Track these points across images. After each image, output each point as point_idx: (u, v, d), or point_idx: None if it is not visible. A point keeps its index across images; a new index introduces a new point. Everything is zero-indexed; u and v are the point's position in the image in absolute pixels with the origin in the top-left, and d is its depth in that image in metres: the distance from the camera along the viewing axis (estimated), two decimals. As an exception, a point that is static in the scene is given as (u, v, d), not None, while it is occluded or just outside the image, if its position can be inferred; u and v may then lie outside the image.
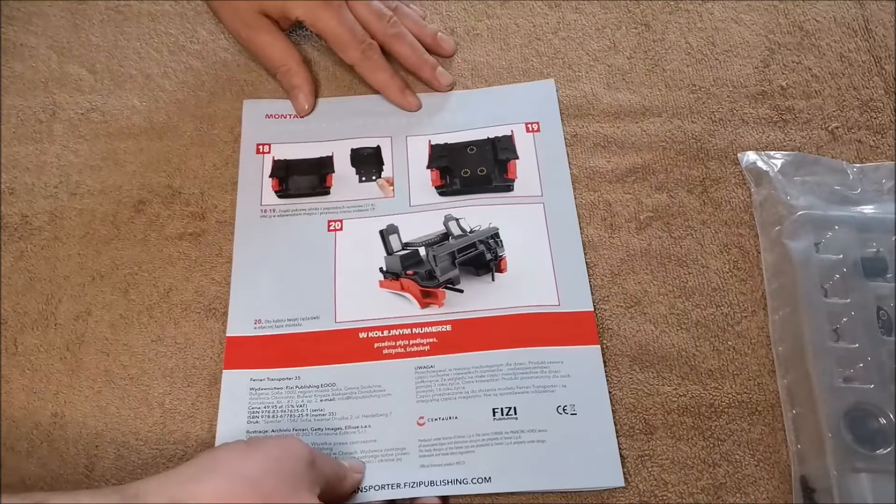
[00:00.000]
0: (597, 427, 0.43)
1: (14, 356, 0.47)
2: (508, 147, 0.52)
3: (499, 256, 0.48)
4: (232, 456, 0.35)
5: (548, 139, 0.52)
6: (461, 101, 0.55)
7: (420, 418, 0.44)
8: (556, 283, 0.47)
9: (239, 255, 0.49)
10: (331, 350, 0.46)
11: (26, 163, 0.53)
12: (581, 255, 0.48)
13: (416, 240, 0.49)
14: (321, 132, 0.53)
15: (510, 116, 0.53)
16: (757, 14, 0.57)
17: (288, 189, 0.51)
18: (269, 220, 0.50)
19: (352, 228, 0.50)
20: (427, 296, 0.47)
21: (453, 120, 0.54)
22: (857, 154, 0.52)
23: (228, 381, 0.45)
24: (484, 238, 0.49)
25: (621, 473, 0.42)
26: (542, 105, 0.54)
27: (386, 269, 0.48)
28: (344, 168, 0.52)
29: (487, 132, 0.53)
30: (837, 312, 0.44)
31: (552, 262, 0.48)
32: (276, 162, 0.52)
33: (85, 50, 0.57)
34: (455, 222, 0.49)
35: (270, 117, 0.54)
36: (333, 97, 0.55)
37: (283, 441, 0.37)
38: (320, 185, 0.52)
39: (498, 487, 0.42)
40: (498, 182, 0.51)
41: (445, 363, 0.45)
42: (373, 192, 0.51)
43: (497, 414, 0.43)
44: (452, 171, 0.52)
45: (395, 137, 0.53)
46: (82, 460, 0.44)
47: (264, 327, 0.47)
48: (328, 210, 0.51)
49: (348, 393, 0.45)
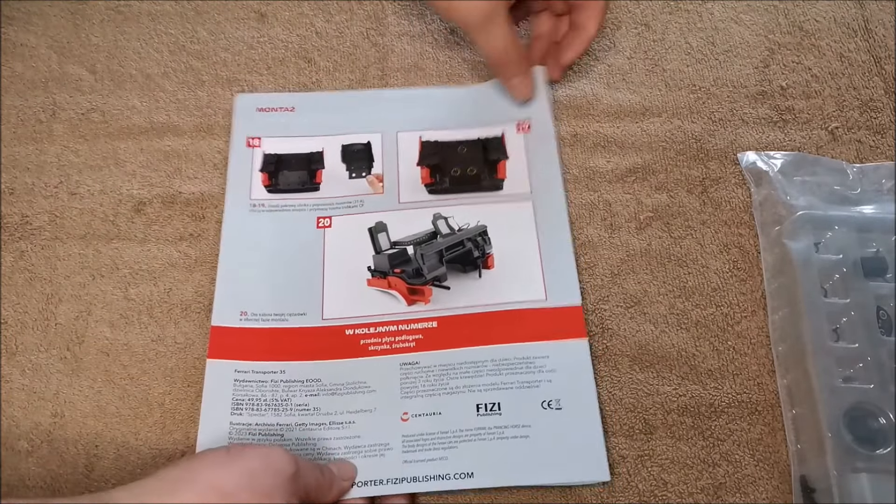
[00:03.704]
0: (582, 421, 0.43)
1: (14, 356, 0.47)
2: (499, 147, 0.52)
3: (486, 253, 0.48)
4: (211, 466, 0.35)
5: (539, 137, 0.52)
6: (453, 97, 0.54)
7: (404, 414, 0.44)
8: (544, 278, 0.47)
9: (226, 247, 0.49)
10: (316, 346, 0.46)
11: (26, 163, 0.53)
12: (570, 251, 0.48)
13: (405, 238, 0.49)
14: (312, 127, 0.53)
15: (502, 116, 0.53)
16: (757, 14, 0.57)
17: (277, 184, 0.51)
18: (258, 214, 0.50)
19: (341, 225, 0.50)
20: (414, 293, 0.47)
21: (445, 117, 0.54)
22: (856, 154, 0.52)
23: (212, 371, 0.45)
24: (472, 236, 0.49)
25: (607, 468, 0.42)
26: (533, 99, 0.53)
27: (374, 267, 0.48)
28: (334, 164, 0.52)
29: (479, 132, 0.53)
30: (837, 312, 0.44)
31: (540, 257, 0.48)
32: (267, 156, 0.52)
33: (85, 50, 0.57)
34: (444, 221, 0.50)
35: (262, 111, 0.54)
36: (327, 91, 0.55)
37: (265, 452, 0.36)
38: (310, 180, 0.51)
39: (481, 483, 0.42)
40: (487, 182, 0.51)
41: (430, 359, 0.45)
42: (362, 189, 0.51)
43: (481, 409, 0.43)
44: (442, 169, 0.52)
45: (386, 133, 0.53)
46: (82, 460, 0.44)
47: (250, 319, 0.47)
48: (318, 206, 0.51)
49: (333, 388, 0.45)
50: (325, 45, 0.57)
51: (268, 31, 0.57)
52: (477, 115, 0.53)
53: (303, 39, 0.57)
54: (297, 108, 0.54)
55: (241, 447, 0.36)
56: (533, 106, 0.53)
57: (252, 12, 0.58)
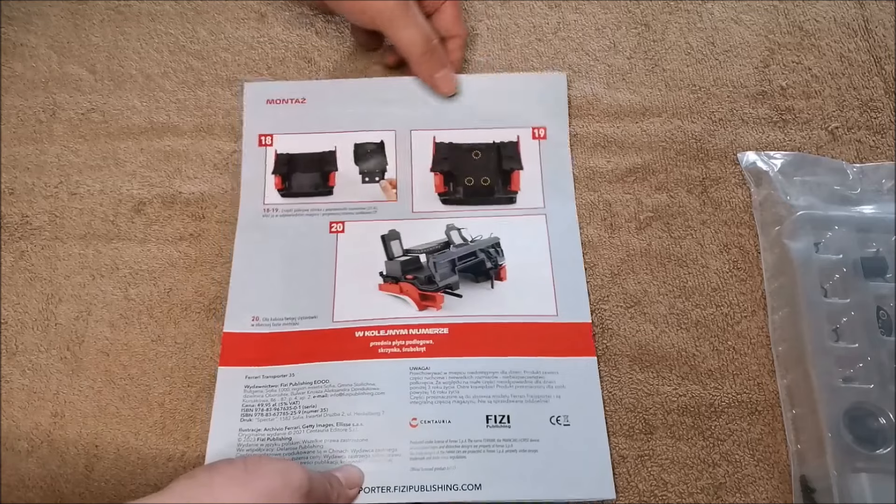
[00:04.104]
0: (590, 439, 0.43)
1: (14, 356, 0.47)
2: (513, 156, 0.52)
3: (499, 265, 0.48)
4: (228, 485, 0.34)
5: (554, 146, 0.52)
6: (469, 86, 0.53)
7: (413, 420, 0.44)
8: (556, 293, 0.47)
9: (240, 252, 0.49)
10: (326, 348, 0.46)
11: (26, 163, 0.53)
12: (581, 267, 0.48)
13: (418, 247, 0.49)
14: (324, 120, 0.53)
15: (518, 118, 0.53)
16: (757, 14, 0.57)
17: (291, 188, 0.51)
18: (271, 219, 0.50)
19: (354, 231, 0.50)
20: (425, 299, 0.47)
21: (460, 112, 0.53)
22: (856, 154, 0.52)
23: (224, 379, 0.45)
24: (484, 247, 0.49)
25: (613, 486, 0.42)
26: (551, 105, 0.53)
27: (386, 273, 0.48)
28: (347, 165, 0.52)
29: (493, 135, 0.52)
30: (837, 312, 0.44)
31: (552, 273, 0.48)
32: (279, 156, 0.52)
33: (85, 50, 0.57)
34: (457, 232, 0.50)
35: (272, 102, 0.53)
36: (337, 79, 0.55)
37: (282, 468, 0.36)
38: (323, 184, 0.51)
39: (488, 495, 0.42)
40: (501, 194, 0.51)
41: (441, 366, 0.45)
42: (376, 195, 0.51)
43: (490, 421, 0.43)
44: (456, 177, 0.52)
45: (399, 131, 0.53)
46: (82, 460, 0.44)
47: (262, 325, 0.47)
48: (331, 211, 0.50)
49: (341, 389, 0.44)
50: (325, 45, 0.57)
51: (268, 31, 0.57)
52: (492, 115, 0.53)
53: (303, 39, 0.57)
54: (309, 99, 0.53)
55: (258, 462, 0.36)
56: (551, 111, 0.53)
57: (252, 12, 0.58)
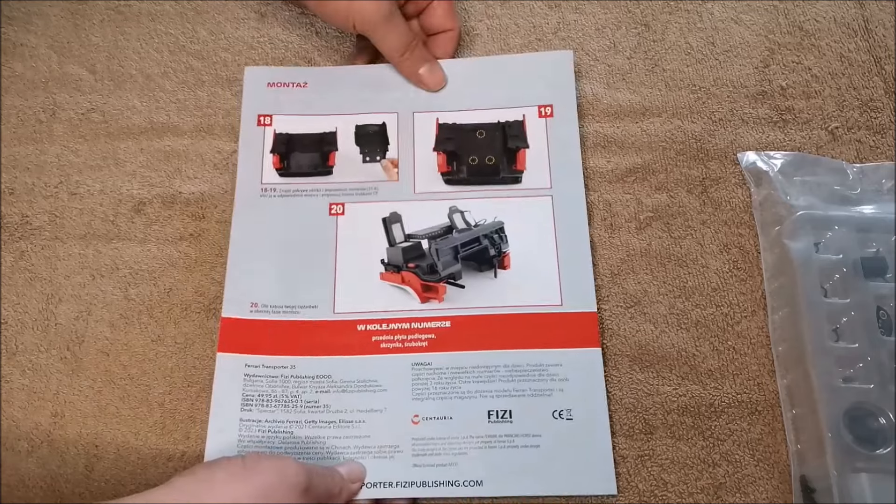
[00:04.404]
0: (592, 433, 0.43)
1: (14, 356, 0.47)
2: (518, 134, 0.50)
3: (502, 252, 0.47)
4: (227, 480, 0.35)
5: (561, 124, 0.51)
6: (473, 68, 0.53)
7: (415, 416, 0.43)
8: (560, 281, 0.46)
9: (237, 234, 0.48)
10: (328, 341, 0.45)
11: (26, 163, 0.53)
12: (588, 253, 0.47)
13: (420, 232, 0.48)
14: (325, 104, 0.52)
15: (523, 97, 0.51)
16: (757, 14, 0.57)
17: (289, 167, 0.50)
18: (269, 199, 0.49)
19: (354, 213, 0.49)
20: (428, 290, 0.47)
21: (464, 93, 0.52)
22: (856, 154, 0.52)
23: (222, 365, 0.45)
24: (488, 233, 0.48)
25: (615, 482, 0.42)
26: (557, 83, 0.52)
27: (387, 260, 0.47)
28: (347, 146, 0.51)
29: (498, 115, 0.51)
30: (837, 312, 0.44)
31: (557, 259, 0.47)
32: (278, 136, 0.51)
33: (85, 50, 0.57)
34: (460, 215, 0.48)
35: (272, 86, 0.53)
36: (339, 65, 0.55)
37: (280, 465, 0.36)
38: (322, 163, 0.50)
39: (489, 491, 0.42)
40: (506, 173, 0.50)
41: (443, 361, 0.45)
42: (377, 175, 0.50)
43: (492, 416, 0.43)
44: (460, 156, 0.50)
45: (402, 113, 0.52)
46: (82, 460, 0.44)
47: (261, 311, 0.46)
48: (330, 192, 0.49)
49: (343, 386, 0.44)
50: (325, 45, 0.57)
51: (268, 31, 0.57)
52: (497, 95, 0.52)
53: (303, 39, 0.57)
54: (311, 84, 0.53)
55: (257, 458, 0.36)
56: (557, 89, 0.52)
57: (252, 12, 0.58)
